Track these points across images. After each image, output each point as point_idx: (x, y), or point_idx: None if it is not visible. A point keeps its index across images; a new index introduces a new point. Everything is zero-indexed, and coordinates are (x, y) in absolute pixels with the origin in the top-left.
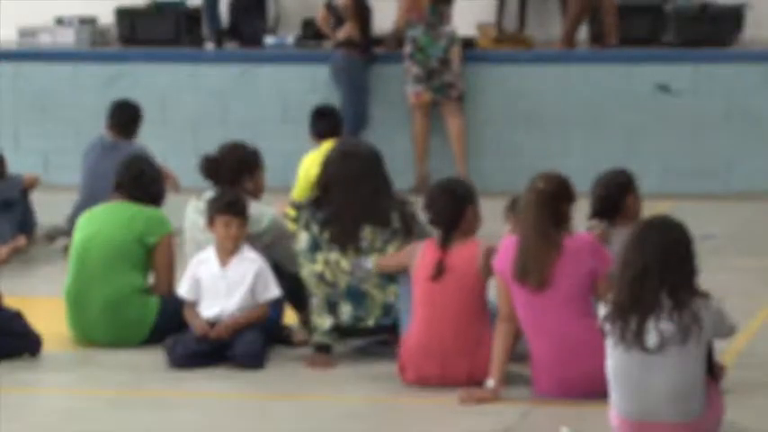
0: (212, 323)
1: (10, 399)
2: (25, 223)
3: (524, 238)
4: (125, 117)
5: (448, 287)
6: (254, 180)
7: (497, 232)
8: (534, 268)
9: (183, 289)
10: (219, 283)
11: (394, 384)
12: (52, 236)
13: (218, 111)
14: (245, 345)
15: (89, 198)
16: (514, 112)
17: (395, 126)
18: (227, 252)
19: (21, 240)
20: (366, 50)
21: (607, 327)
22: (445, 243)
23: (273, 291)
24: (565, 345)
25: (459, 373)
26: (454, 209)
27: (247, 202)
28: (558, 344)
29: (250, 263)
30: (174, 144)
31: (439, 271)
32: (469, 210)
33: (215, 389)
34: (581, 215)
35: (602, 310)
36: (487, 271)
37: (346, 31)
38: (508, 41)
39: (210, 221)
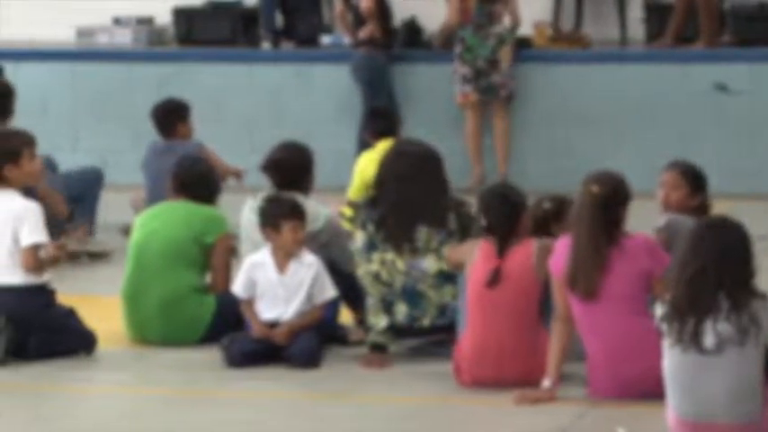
0: (270, 325)
1: (66, 396)
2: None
3: (576, 247)
4: (165, 119)
5: (504, 292)
6: (309, 179)
7: None
8: (582, 279)
9: (238, 287)
10: (278, 290)
11: (449, 384)
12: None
13: (274, 110)
14: (301, 345)
15: (154, 203)
16: (569, 112)
17: (449, 126)
18: (289, 256)
19: (64, 242)
20: (388, 49)
21: (664, 327)
22: (501, 249)
23: (329, 292)
24: (621, 345)
25: (514, 376)
26: (511, 215)
27: (305, 201)
28: (613, 344)
29: (307, 267)
30: (229, 143)
31: (495, 278)
32: (525, 215)
33: (270, 388)
34: (636, 216)
35: (659, 309)
36: (542, 269)
37: (368, 30)
38: (564, 41)
39: (274, 226)
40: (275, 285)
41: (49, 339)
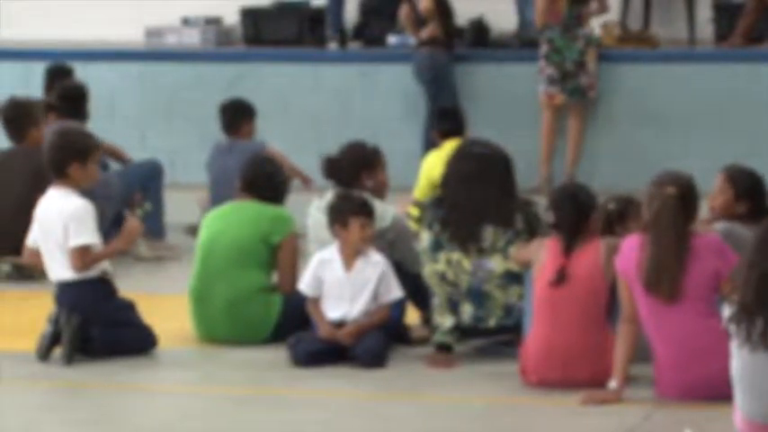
0: (336, 325)
1: (133, 395)
2: (153, 222)
3: (657, 250)
4: (233, 117)
5: (571, 292)
6: (373, 178)
7: None
8: (667, 282)
9: (304, 285)
10: (344, 288)
11: (514, 385)
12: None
13: (340, 110)
14: (367, 344)
15: (217, 202)
16: (637, 112)
17: (515, 126)
18: (356, 253)
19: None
20: (450, 49)
21: (732, 328)
22: (568, 249)
23: (396, 292)
24: (688, 346)
25: (582, 377)
26: (579, 215)
27: (371, 200)
28: (681, 345)
29: (374, 266)
30: (296, 143)
31: (560, 278)
32: (594, 216)
33: (335, 388)
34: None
35: (727, 310)
36: (610, 268)
37: (430, 31)
38: (632, 40)
39: (343, 223)
40: (342, 283)
41: (113, 332)
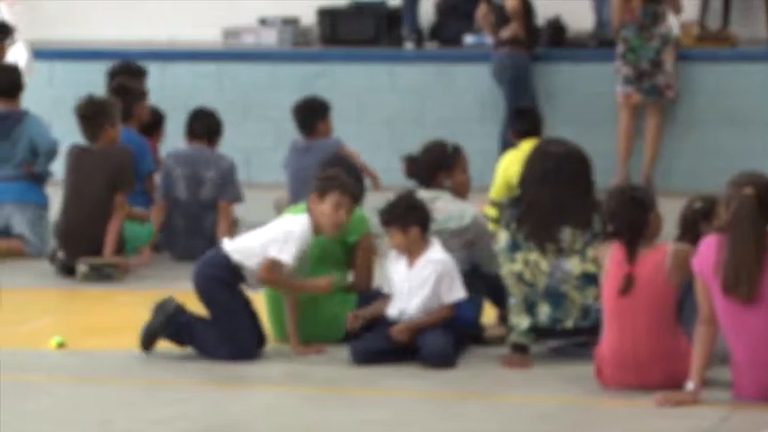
0: (394, 322)
1: (210, 392)
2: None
3: (736, 251)
4: (306, 117)
5: (637, 299)
6: (451, 178)
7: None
8: (746, 283)
9: (386, 285)
10: (404, 284)
11: (590, 386)
12: None
13: (416, 110)
14: (432, 344)
15: (296, 201)
16: (716, 112)
17: (599, 125)
18: (417, 252)
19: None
20: (530, 49)
21: None
22: (632, 254)
23: (458, 293)
24: (766, 347)
25: (656, 382)
26: (639, 218)
27: (450, 199)
28: (759, 346)
29: (434, 265)
30: (371, 143)
31: (628, 285)
32: (652, 216)
33: (408, 387)
34: None
35: None
36: (676, 275)
37: (512, 30)
38: (711, 40)
39: (383, 228)
40: (403, 280)
41: (210, 326)
